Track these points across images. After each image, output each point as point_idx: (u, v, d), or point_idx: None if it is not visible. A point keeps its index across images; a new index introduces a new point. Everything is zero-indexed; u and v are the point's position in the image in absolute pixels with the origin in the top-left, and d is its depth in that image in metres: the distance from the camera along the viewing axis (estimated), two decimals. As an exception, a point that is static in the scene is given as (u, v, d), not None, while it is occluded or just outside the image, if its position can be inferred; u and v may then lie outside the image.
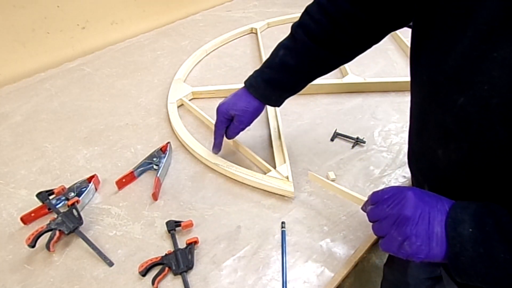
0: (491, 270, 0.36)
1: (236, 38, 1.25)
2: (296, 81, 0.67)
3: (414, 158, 0.55)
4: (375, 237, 0.63)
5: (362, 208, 0.51)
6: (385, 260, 0.86)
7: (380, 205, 0.44)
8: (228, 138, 0.74)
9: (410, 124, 0.54)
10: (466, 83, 0.38)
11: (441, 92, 0.42)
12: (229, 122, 0.71)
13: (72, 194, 0.68)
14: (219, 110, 0.70)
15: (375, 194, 0.47)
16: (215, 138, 0.74)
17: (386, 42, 1.19)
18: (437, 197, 0.42)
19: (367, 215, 0.47)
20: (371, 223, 0.47)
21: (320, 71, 0.66)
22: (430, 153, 0.48)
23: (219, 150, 0.76)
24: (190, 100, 0.95)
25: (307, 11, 0.61)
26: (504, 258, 0.35)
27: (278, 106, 0.71)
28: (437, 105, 0.43)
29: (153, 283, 0.56)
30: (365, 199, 0.51)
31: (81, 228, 0.63)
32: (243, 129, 0.71)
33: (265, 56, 1.09)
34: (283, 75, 0.65)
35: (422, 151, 0.51)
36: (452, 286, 0.55)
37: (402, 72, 1.05)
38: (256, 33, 1.25)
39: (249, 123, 0.70)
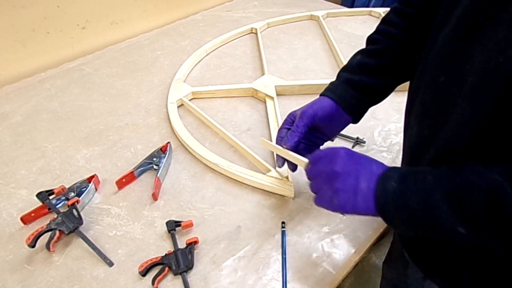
0: (409, 218, 0.40)
1: (236, 38, 1.25)
2: (377, 84, 0.60)
3: (403, 139, 0.57)
4: (375, 237, 0.64)
5: (304, 169, 0.53)
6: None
7: (316, 164, 0.49)
8: (289, 140, 0.58)
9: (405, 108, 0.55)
10: (450, 62, 0.40)
11: (428, 70, 0.44)
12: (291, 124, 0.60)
13: (72, 194, 0.68)
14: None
15: (313, 154, 0.50)
16: (279, 137, 0.61)
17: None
18: (370, 159, 0.46)
19: (306, 174, 0.51)
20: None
21: (400, 74, 0.61)
22: (409, 130, 0.50)
23: (293, 149, 0.59)
24: (190, 100, 0.95)
25: (383, 20, 0.60)
26: (417, 208, 0.38)
27: (356, 119, 0.61)
28: (423, 84, 0.45)
29: (153, 283, 0.56)
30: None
31: (81, 228, 0.63)
32: (307, 124, 0.57)
33: (265, 56, 1.09)
34: (362, 76, 0.59)
35: (405, 129, 0.53)
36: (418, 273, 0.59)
37: (402, 72, 1.05)
38: (256, 33, 1.25)
39: (315, 118, 0.58)
